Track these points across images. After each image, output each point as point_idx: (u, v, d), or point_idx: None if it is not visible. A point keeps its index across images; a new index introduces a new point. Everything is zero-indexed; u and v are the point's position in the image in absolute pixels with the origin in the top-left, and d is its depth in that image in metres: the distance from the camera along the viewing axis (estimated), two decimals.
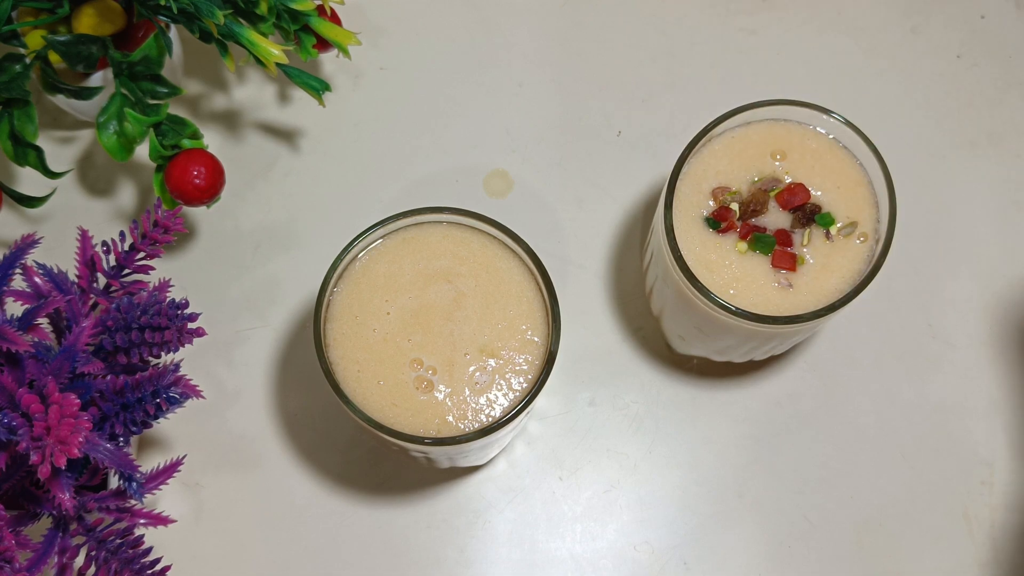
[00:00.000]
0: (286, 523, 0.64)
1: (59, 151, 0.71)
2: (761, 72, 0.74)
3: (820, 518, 0.64)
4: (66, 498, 0.48)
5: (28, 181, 0.69)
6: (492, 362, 0.54)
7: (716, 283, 0.56)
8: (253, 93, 0.73)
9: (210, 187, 0.62)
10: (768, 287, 0.56)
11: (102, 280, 0.55)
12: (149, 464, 0.59)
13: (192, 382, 0.51)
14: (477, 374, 0.54)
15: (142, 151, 0.64)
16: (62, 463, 0.45)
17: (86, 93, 0.62)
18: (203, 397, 0.51)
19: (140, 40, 0.65)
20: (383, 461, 0.65)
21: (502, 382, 0.54)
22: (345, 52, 0.65)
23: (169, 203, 0.62)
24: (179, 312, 0.51)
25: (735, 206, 0.57)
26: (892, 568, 0.64)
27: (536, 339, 0.54)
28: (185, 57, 0.70)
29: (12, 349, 0.49)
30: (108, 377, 0.51)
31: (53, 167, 0.64)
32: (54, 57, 0.61)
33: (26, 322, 0.51)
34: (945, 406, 0.67)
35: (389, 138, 0.72)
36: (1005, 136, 0.72)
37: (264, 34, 0.62)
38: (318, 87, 0.65)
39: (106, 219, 0.70)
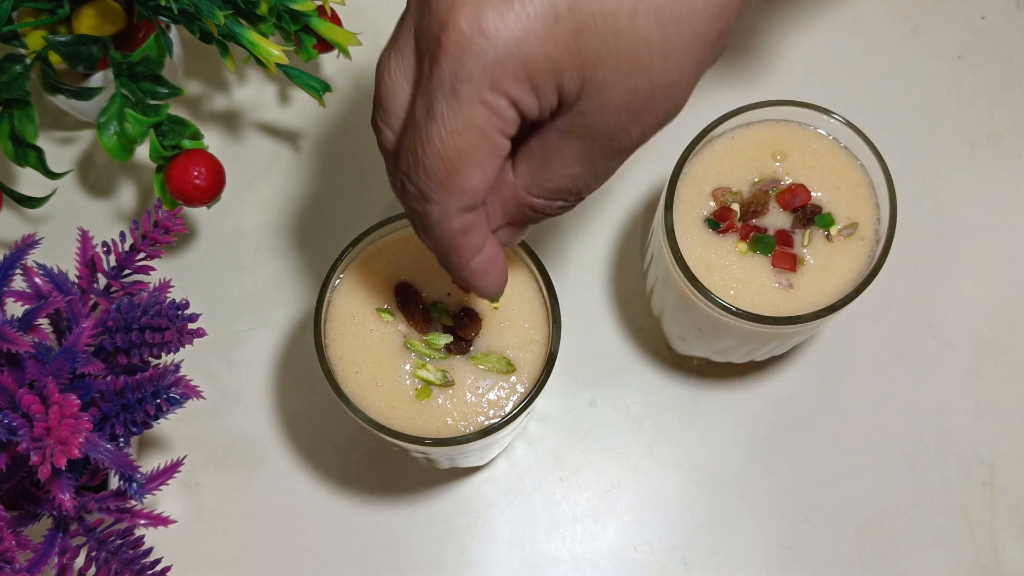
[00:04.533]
0: (286, 523, 0.64)
1: (59, 151, 0.71)
2: (761, 72, 0.74)
3: (820, 518, 0.64)
4: (66, 499, 0.48)
5: (28, 181, 0.69)
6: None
7: (716, 284, 0.56)
8: (253, 93, 0.73)
9: (210, 187, 0.62)
10: (768, 288, 0.56)
11: (102, 281, 0.55)
12: (149, 465, 0.59)
13: (192, 383, 0.51)
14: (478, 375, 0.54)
15: (142, 151, 0.64)
16: (62, 464, 0.45)
17: (86, 94, 0.62)
18: (203, 398, 0.51)
19: (140, 40, 0.65)
20: (383, 462, 0.65)
21: (503, 383, 0.54)
22: (346, 53, 0.65)
23: (169, 203, 0.62)
24: (179, 312, 0.51)
25: (736, 207, 0.57)
26: (892, 569, 0.64)
27: (537, 339, 0.54)
28: (185, 57, 0.70)
29: (12, 349, 0.49)
30: (108, 378, 0.51)
31: (53, 167, 0.64)
32: (54, 57, 0.61)
33: (26, 323, 0.51)
34: (946, 406, 0.67)
35: None
36: (1005, 136, 0.72)
37: (264, 35, 0.62)
38: (318, 87, 0.65)
39: (106, 219, 0.70)
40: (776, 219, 0.57)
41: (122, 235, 0.55)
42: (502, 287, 0.46)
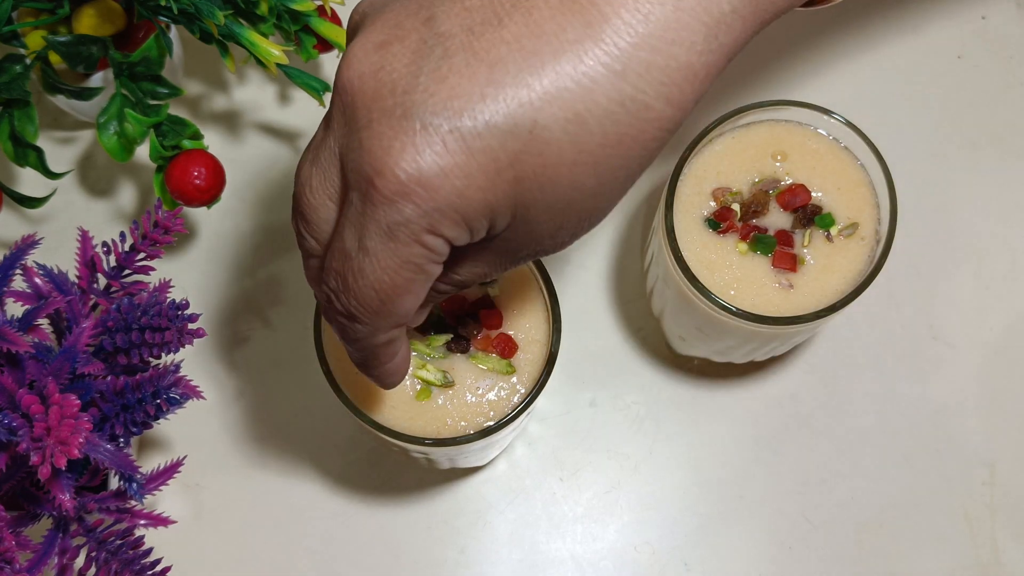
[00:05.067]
0: (286, 523, 0.64)
1: (59, 152, 0.71)
2: (761, 72, 0.74)
3: (821, 518, 0.64)
4: (66, 499, 0.48)
5: (28, 182, 0.69)
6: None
7: (716, 284, 0.56)
8: (253, 93, 0.73)
9: (210, 188, 0.62)
10: (769, 288, 0.56)
11: (102, 281, 0.55)
12: (149, 465, 0.59)
13: (192, 383, 0.51)
14: (478, 375, 0.54)
15: (142, 152, 0.64)
16: (62, 464, 0.45)
17: (86, 94, 0.62)
18: (203, 398, 0.51)
19: (140, 40, 0.65)
20: (383, 462, 0.65)
21: (503, 383, 0.53)
22: None
23: (169, 204, 0.62)
24: (179, 313, 0.51)
25: (736, 207, 0.57)
26: (892, 568, 0.64)
27: (537, 339, 0.54)
28: (185, 58, 0.70)
29: (12, 350, 0.49)
30: (108, 378, 0.51)
31: (53, 168, 0.64)
32: (54, 58, 0.61)
33: (26, 323, 0.51)
34: (945, 406, 0.67)
35: None
36: (1005, 136, 0.72)
37: (264, 35, 0.62)
38: (318, 87, 0.65)
39: (106, 220, 0.70)
40: (776, 219, 0.57)
41: (122, 235, 0.55)
42: (402, 379, 0.47)
